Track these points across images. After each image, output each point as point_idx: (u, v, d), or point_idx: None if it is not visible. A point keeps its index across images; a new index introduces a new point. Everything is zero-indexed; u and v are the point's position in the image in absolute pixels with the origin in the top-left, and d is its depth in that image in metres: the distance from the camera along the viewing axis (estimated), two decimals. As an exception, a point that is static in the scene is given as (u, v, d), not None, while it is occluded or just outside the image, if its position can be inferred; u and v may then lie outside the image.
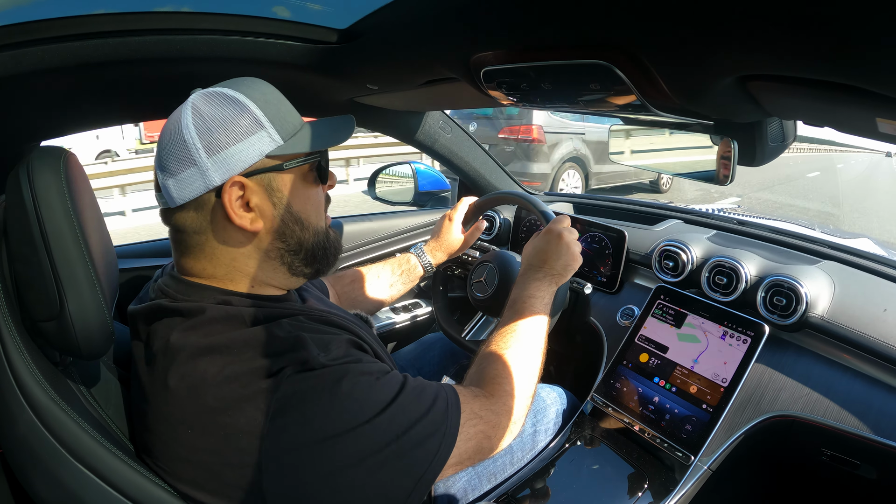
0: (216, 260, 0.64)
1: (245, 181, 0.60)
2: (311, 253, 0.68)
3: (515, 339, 0.79)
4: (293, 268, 0.68)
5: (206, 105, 0.60)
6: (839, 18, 0.35)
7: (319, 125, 0.68)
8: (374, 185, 1.71)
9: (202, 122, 0.59)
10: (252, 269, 0.65)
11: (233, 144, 0.59)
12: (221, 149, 0.59)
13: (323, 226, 0.70)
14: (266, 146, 0.61)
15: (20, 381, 0.57)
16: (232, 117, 0.60)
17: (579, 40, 0.58)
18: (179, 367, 0.57)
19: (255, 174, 0.61)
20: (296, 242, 0.66)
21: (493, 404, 0.70)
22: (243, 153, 0.60)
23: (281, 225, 0.65)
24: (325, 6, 0.77)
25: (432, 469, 0.59)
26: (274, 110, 0.63)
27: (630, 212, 1.61)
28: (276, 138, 0.62)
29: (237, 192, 0.60)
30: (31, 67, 0.67)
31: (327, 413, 0.55)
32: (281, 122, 0.63)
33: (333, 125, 0.70)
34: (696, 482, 0.92)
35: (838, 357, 0.95)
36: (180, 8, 0.70)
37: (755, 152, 0.76)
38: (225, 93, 0.61)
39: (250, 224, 0.62)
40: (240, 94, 0.61)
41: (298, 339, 0.59)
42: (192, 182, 0.59)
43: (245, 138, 0.60)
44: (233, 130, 0.59)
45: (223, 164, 0.59)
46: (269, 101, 0.63)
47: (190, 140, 0.58)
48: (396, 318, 1.66)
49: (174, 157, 0.59)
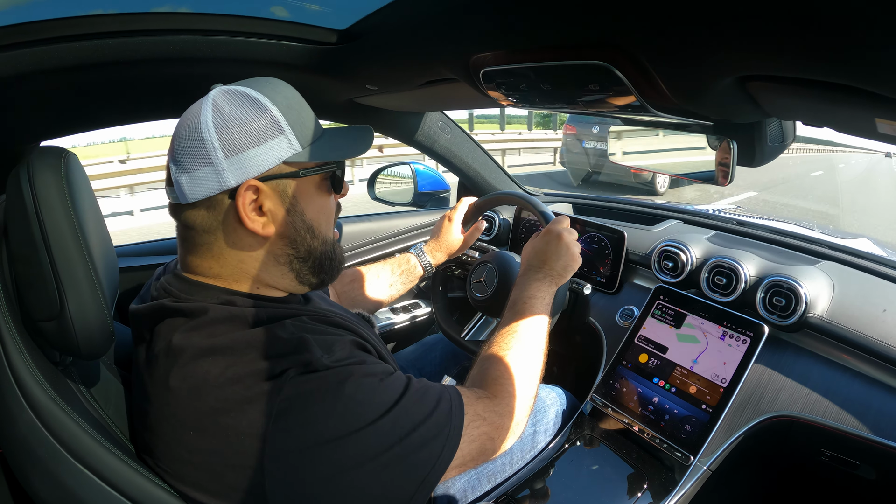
0: (223, 260, 0.63)
1: (260, 185, 0.60)
2: (318, 262, 0.68)
3: (516, 340, 0.79)
4: (301, 275, 0.67)
5: (227, 103, 0.59)
6: (838, 19, 0.35)
7: (338, 134, 0.68)
8: (373, 185, 1.71)
9: (222, 120, 0.58)
10: (259, 272, 0.65)
11: (251, 147, 0.59)
12: (239, 150, 0.58)
13: (331, 236, 0.70)
14: (284, 152, 0.60)
15: (20, 380, 0.57)
16: (252, 119, 0.59)
17: (578, 41, 0.58)
18: (182, 368, 0.57)
19: (271, 179, 0.61)
20: (305, 250, 0.66)
21: (497, 405, 0.70)
22: (261, 157, 0.59)
23: (292, 231, 0.64)
24: (324, 7, 0.77)
25: (435, 471, 0.59)
26: (295, 115, 0.62)
27: (629, 212, 1.61)
28: (296, 144, 0.61)
29: (251, 195, 0.60)
30: (31, 68, 0.67)
31: (330, 415, 0.55)
32: (301, 128, 0.62)
33: (352, 135, 0.69)
34: (695, 482, 0.92)
35: (838, 357, 0.95)
36: (180, 8, 0.70)
37: (754, 153, 0.76)
38: (247, 93, 0.60)
39: (262, 228, 0.61)
40: (262, 95, 0.60)
41: (302, 341, 0.58)
42: (206, 181, 0.58)
43: (264, 142, 0.59)
44: (252, 133, 0.59)
45: (240, 166, 0.58)
46: (290, 105, 0.62)
47: (208, 138, 0.57)
48: (396, 319, 1.66)
49: (190, 154, 0.58)
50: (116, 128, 10.16)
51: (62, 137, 0.97)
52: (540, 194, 1.79)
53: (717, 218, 1.45)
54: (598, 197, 1.77)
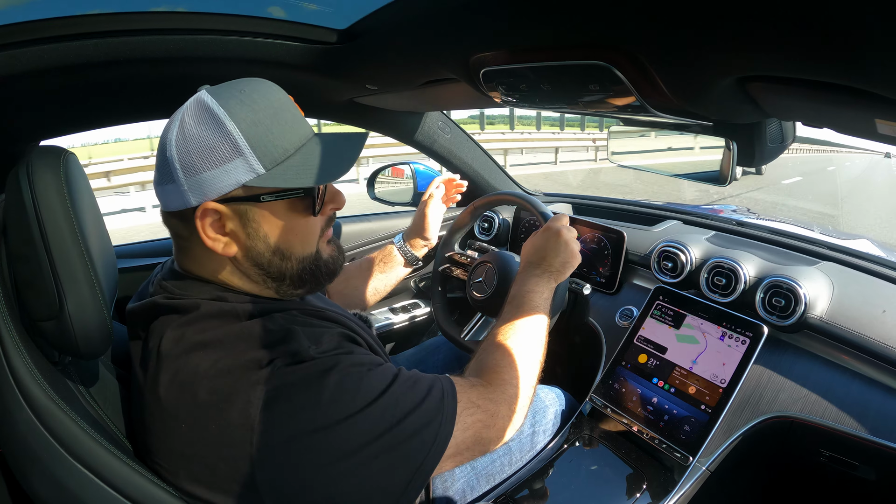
0: (207, 265, 0.64)
1: (219, 207, 0.59)
2: (297, 278, 0.66)
3: (514, 332, 0.79)
4: (280, 290, 0.67)
5: (192, 120, 0.57)
6: (838, 20, 0.35)
7: (310, 156, 0.61)
8: (373, 185, 1.71)
9: (184, 141, 0.57)
10: (239, 281, 0.65)
11: (208, 170, 0.57)
12: (197, 172, 0.57)
13: (312, 251, 0.67)
14: (242, 175, 0.57)
15: (19, 380, 0.57)
16: (210, 140, 0.56)
17: (579, 41, 0.58)
18: (174, 363, 0.57)
19: (231, 202, 0.59)
20: (277, 271, 0.64)
21: (492, 393, 0.69)
22: (217, 180, 0.57)
23: (256, 255, 0.63)
24: (324, 6, 0.77)
25: (429, 460, 0.59)
26: (262, 133, 0.58)
27: (629, 212, 1.61)
28: (257, 167, 0.58)
29: (214, 215, 0.59)
30: (31, 67, 0.67)
31: (317, 404, 0.55)
32: (267, 147, 0.58)
33: (336, 151, 0.63)
34: (694, 483, 0.92)
35: (837, 358, 0.95)
36: (179, 8, 0.70)
37: (754, 153, 0.76)
38: (212, 109, 0.57)
39: (222, 248, 0.61)
40: (227, 112, 0.57)
41: (290, 332, 0.59)
42: (173, 196, 0.59)
43: (221, 165, 0.57)
44: (210, 155, 0.57)
45: (198, 188, 0.57)
46: (258, 121, 0.58)
47: (171, 157, 0.57)
48: (395, 319, 1.66)
49: (160, 169, 0.60)
50: (113, 128, 10.12)
51: (61, 137, 0.97)
52: (539, 194, 1.79)
53: (716, 218, 1.45)
54: (597, 197, 1.78)
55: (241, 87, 0.60)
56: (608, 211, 1.66)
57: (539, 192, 1.81)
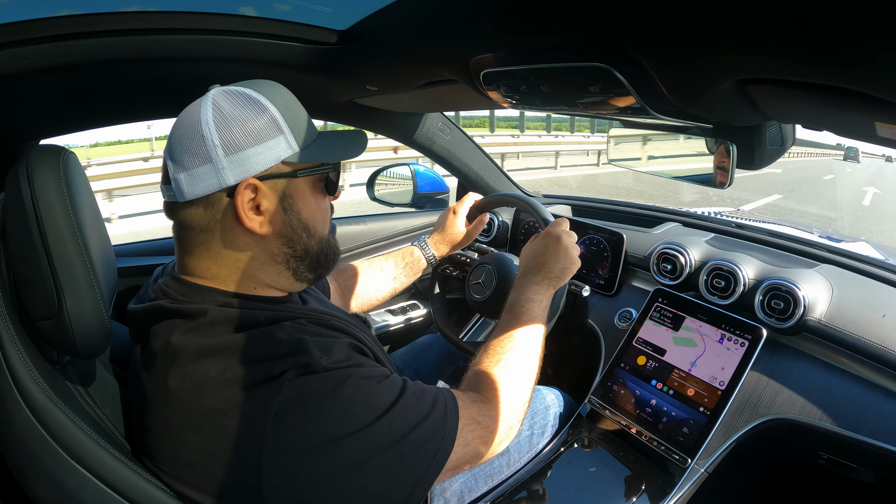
0: (221, 260, 0.63)
1: (259, 184, 0.61)
2: (315, 259, 0.69)
3: (512, 344, 0.80)
4: (298, 273, 0.68)
5: (227, 103, 0.59)
6: (838, 22, 0.35)
7: (332, 137, 0.68)
8: (372, 186, 1.71)
9: (223, 119, 0.58)
10: (257, 271, 0.65)
11: (251, 146, 0.59)
12: (239, 149, 0.59)
13: (326, 233, 0.71)
14: (283, 152, 0.61)
15: (17, 379, 0.57)
16: (252, 118, 0.59)
17: (579, 43, 0.58)
18: (180, 369, 0.56)
19: (269, 178, 0.61)
20: (302, 249, 0.67)
21: (491, 410, 0.71)
22: (261, 156, 0.60)
23: (289, 230, 0.65)
24: (325, 7, 0.77)
25: (430, 472, 0.60)
26: (293, 117, 0.63)
27: (628, 214, 1.61)
28: (294, 145, 0.62)
29: (250, 194, 0.60)
30: (30, 66, 0.67)
31: (329, 417, 0.55)
32: (298, 129, 0.63)
33: (347, 139, 0.70)
34: (692, 485, 0.92)
35: (836, 361, 0.95)
36: (180, 8, 0.70)
37: (754, 156, 0.76)
38: (246, 93, 0.61)
39: (259, 227, 0.62)
40: (262, 96, 0.61)
41: (301, 343, 0.58)
42: (205, 179, 0.59)
43: (264, 141, 0.60)
44: (253, 132, 0.59)
45: (239, 165, 0.59)
46: (289, 106, 0.63)
47: (209, 136, 0.58)
48: (392, 321, 1.66)
49: (189, 151, 0.59)
50: (111, 128, 10.01)
51: (60, 136, 0.97)
52: (539, 196, 1.79)
53: (715, 221, 1.46)
54: (596, 199, 1.78)
55: (262, 83, 0.64)
56: (608, 213, 1.66)
57: (538, 193, 1.81)
